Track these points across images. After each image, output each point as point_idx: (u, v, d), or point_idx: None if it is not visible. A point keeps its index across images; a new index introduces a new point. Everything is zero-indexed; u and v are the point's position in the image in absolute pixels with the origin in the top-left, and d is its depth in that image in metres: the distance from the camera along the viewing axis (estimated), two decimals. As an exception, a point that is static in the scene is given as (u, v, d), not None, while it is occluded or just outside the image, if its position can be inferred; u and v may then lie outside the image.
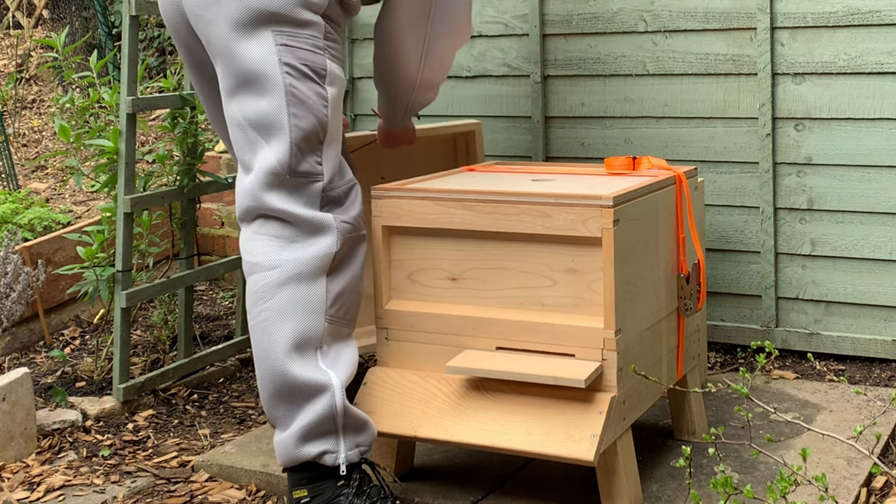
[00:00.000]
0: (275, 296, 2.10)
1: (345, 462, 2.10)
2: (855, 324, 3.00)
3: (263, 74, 2.11)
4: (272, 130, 2.12)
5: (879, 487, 2.27)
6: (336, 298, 2.14)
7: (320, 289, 2.12)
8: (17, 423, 2.58)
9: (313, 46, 2.15)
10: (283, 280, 2.10)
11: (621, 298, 2.08)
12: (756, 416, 2.59)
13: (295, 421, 2.09)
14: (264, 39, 2.12)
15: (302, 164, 2.12)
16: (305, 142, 2.12)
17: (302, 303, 2.10)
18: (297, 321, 2.09)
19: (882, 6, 2.83)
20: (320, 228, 2.12)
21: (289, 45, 2.12)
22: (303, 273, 2.10)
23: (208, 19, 2.17)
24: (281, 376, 2.08)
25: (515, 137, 3.35)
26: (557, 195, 2.09)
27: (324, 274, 2.12)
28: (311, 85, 2.13)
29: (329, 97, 2.16)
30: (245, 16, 2.12)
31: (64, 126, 2.90)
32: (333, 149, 2.18)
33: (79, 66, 4.39)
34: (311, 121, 2.12)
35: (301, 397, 2.08)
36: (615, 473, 2.11)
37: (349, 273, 2.17)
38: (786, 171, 3.01)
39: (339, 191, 2.18)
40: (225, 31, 2.15)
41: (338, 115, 2.19)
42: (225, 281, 3.98)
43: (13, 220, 3.66)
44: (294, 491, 2.11)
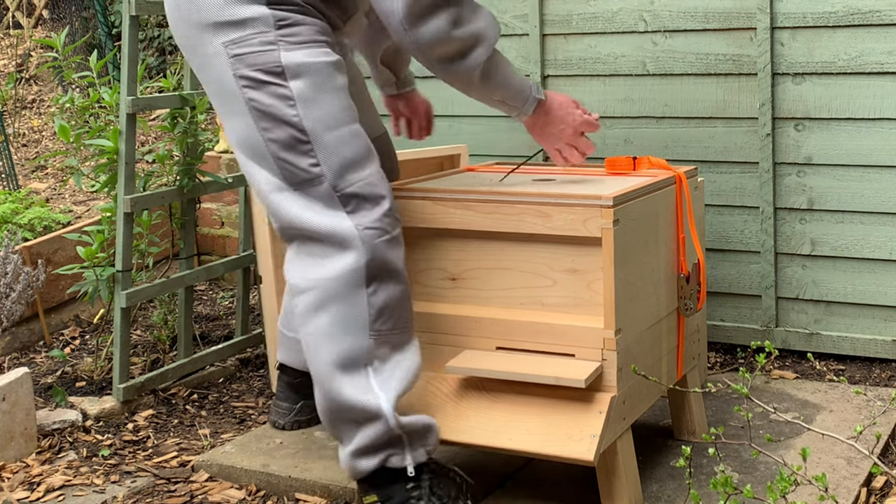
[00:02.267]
0: (314, 319, 2.03)
1: (412, 463, 2.06)
2: (855, 324, 3.00)
3: (227, 93, 2.04)
4: (254, 149, 2.04)
5: (879, 487, 2.27)
6: (381, 312, 2.02)
7: (360, 306, 2.01)
8: (17, 423, 2.58)
9: (262, 44, 2.01)
10: (319, 302, 2.01)
11: (621, 298, 2.08)
12: (756, 416, 2.59)
13: (354, 440, 2.05)
14: (217, 53, 2.03)
15: (295, 173, 2.01)
16: (287, 151, 2.01)
17: (341, 324, 2.01)
18: (339, 344, 2.01)
19: (882, 6, 2.83)
20: (343, 242, 2.00)
21: (239, 53, 2.01)
22: (337, 293, 2.00)
23: (181, 45, 2.13)
24: (333, 400, 2.04)
25: (515, 137, 3.35)
26: (557, 195, 2.09)
27: (361, 288, 2.00)
28: (270, 89, 2.00)
29: (294, 92, 2.01)
30: (193, 34, 2.05)
31: (64, 126, 2.90)
32: (330, 142, 2.02)
33: (79, 66, 4.39)
34: (282, 129, 2.01)
35: (355, 419, 2.04)
36: (615, 473, 2.11)
37: (391, 282, 2.04)
38: (786, 171, 3.01)
39: (356, 187, 2.03)
40: (189, 54, 2.11)
41: (322, 105, 2.03)
42: (225, 281, 3.98)
43: (13, 220, 3.66)
44: (365, 496, 2.09)
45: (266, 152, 2.01)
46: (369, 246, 2.00)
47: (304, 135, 2.00)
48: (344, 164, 2.02)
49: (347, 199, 2.01)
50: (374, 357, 2.03)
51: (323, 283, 2.00)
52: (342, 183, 2.01)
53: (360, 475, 2.08)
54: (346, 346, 2.01)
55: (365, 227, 2.00)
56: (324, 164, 2.01)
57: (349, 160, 2.03)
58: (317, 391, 2.08)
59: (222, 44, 2.01)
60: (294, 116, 2.00)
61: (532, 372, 2.08)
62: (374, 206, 2.03)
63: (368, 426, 2.03)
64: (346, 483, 2.33)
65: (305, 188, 2.01)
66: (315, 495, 2.34)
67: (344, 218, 2.00)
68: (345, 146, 2.03)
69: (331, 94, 2.03)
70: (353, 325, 2.01)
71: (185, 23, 2.07)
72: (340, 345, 2.01)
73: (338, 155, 2.02)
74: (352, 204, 2.01)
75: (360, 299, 2.00)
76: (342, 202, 2.01)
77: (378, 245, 2.01)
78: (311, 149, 2.01)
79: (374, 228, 2.01)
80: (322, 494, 2.34)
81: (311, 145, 2.01)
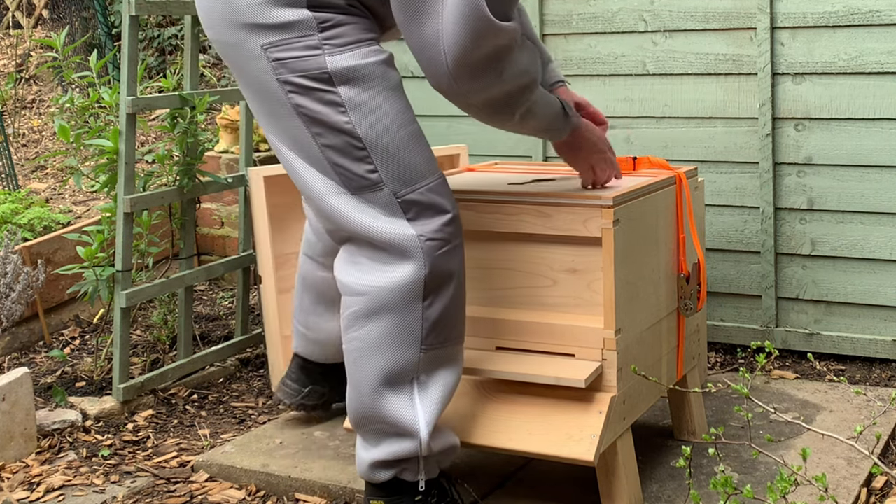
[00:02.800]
0: (364, 326, 1.95)
1: (424, 479, 2.04)
2: (855, 324, 3.00)
3: (270, 96, 1.95)
4: (307, 153, 1.94)
5: (879, 487, 2.27)
6: (434, 326, 1.94)
7: (414, 319, 1.93)
8: (16, 423, 2.58)
9: (305, 49, 1.90)
10: (372, 310, 1.94)
11: (621, 298, 2.08)
12: (756, 416, 2.59)
13: (378, 448, 2.02)
14: (257, 56, 1.92)
15: (353, 179, 1.92)
16: (343, 157, 1.91)
17: (393, 337, 1.94)
18: (388, 356, 1.95)
19: (882, 6, 2.83)
20: (404, 251, 1.91)
21: (281, 58, 1.90)
22: (392, 304, 1.92)
23: (215, 44, 2.02)
24: (368, 410, 1.99)
25: (516, 137, 3.35)
26: (558, 195, 2.09)
27: (418, 302, 1.92)
28: (318, 95, 1.90)
29: (344, 98, 1.90)
30: (229, 33, 1.95)
31: (64, 126, 2.90)
32: (388, 148, 1.91)
33: (79, 66, 4.39)
34: (335, 136, 1.91)
35: (386, 432, 2.00)
36: (615, 473, 2.11)
37: (448, 294, 1.96)
38: (786, 171, 3.01)
39: (417, 194, 1.93)
40: (225, 54, 2.00)
41: (375, 110, 1.91)
42: (225, 281, 3.98)
43: (13, 220, 3.66)
44: (372, 500, 2.08)
45: (321, 157, 1.92)
46: (430, 258, 1.91)
47: (360, 142, 1.90)
48: (403, 170, 1.92)
49: (408, 206, 1.92)
50: (421, 371, 1.97)
51: (378, 292, 1.92)
52: (403, 189, 1.92)
53: (374, 481, 2.06)
54: (395, 358, 1.95)
55: (427, 238, 1.91)
56: (382, 171, 1.91)
57: (409, 166, 1.93)
58: (353, 395, 2.01)
59: (262, 46, 1.91)
60: (346, 123, 1.90)
61: (532, 372, 2.08)
62: (437, 213, 1.94)
63: (399, 441, 2.00)
64: (346, 483, 2.33)
65: (364, 193, 1.92)
66: (315, 495, 2.34)
67: (406, 226, 1.91)
68: (403, 151, 1.93)
69: (384, 95, 1.92)
70: (404, 338, 1.94)
71: (221, 22, 1.96)
72: (388, 357, 1.95)
73: (396, 161, 1.92)
74: (413, 211, 1.92)
75: (416, 313, 1.93)
76: (403, 209, 1.92)
77: (439, 257, 1.92)
78: (367, 155, 1.90)
79: (436, 239, 1.92)
80: (322, 494, 2.34)
81: (367, 152, 1.90)
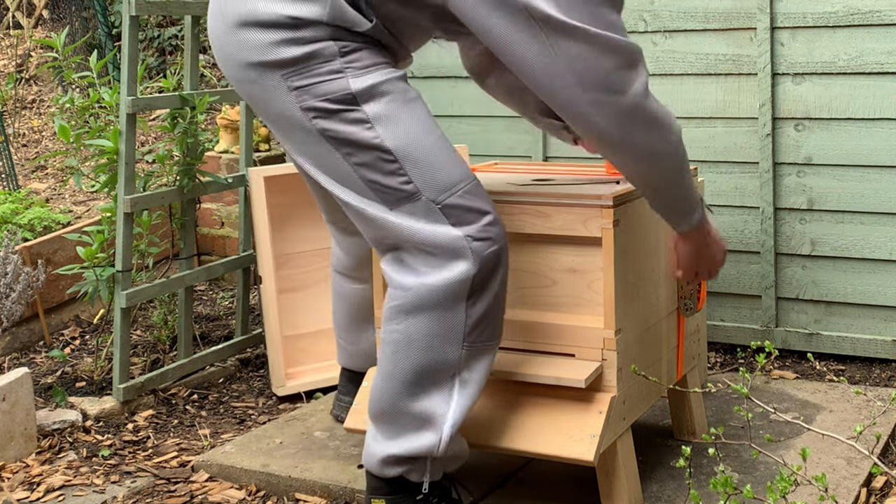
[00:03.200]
0: (406, 320, 1.93)
1: (428, 481, 2.04)
2: (855, 324, 3.00)
3: (295, 126, 1.93)
4: (341, 175, 1.94)
5: (879, 487, 2.27)
6: (477, 324, 1.94)
7: (458, 317, 1.92)
8: (17, 423, 2.58)
9: (328, 74, 1.89)
10: (416, 306, 1.92)
11: (621, 298, 2.08)
12: (756, 416, 2.59)
13: (394, 442, 2.01)
14: (277, 88, 1.91)
15: (389, 193, 1.91)
16: (375, 173, 1.91)
17: (436, 333, 1.93)
18: (430, 351, 1.94)
19: (882, 6, 2.83)
20: (455, 253, 1.90)
21: (302, 85, 1.89)
22: (438, 301, 1.91)
23: (231, 80, 2.00)
24: (397, 402, 1.98)
25: (515, 137, 3.35)
26: (557, 195, 2.09)
27: (463, 299, 1.91)
28: (343, 116, 1.89)
29: (370, 114, 1.89)
30: (245, 70, 1.94)
31: (64, 126, 2.90)
32: (418, 157, 1.91)
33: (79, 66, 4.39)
34: (365, 153, 1.90)
35: (408, 426, 2.00)
36: (615, 473, 2.11)
37: (492, 292, 1.94)
38: (786, 171, 3.01)
39: (455, 197, 1.91)
40: (243, 89, 1.98)
41: (401, 121, 1.91)
42: (225, 281, 3.98)
43: (13, 220, 3.66)
44: (373, 498, 2.07)
45: (354, 177, 1.92)
46: (479, 257, 1.90)
47: (390, 154, 1.89)
48: (437, 177, 1.91)
49: (449, 211, 1.91)
50: (463, 368, 1.96)
51: (425, 288, 1.91)
52: (440, 196, 1.91)
53: (380, 476, 2.05)
54: (437, 354, 1.94)
55: (475, 238, 1.90)
56: (416, 181, 1.90)
57: (441, 171, 1.92)
58: (382, 385, 2.00)
59: (281, 76, 1.90)
60: (374, 138, 1.89)
61: (532, 372, 2.08)
62: (478, 215, 1.92)
63: (419, 437, 1.99)
64: (346, 483, 2.33)
65: (403, 205, 1.91)
66: (315, 495, 2.34)
67: (451, 229, 1.90)
68: (433, 158, 1.92)
69: (406, 107, 1.93)
70: (448, 334, 1.93)
71: (235, 62, 1.95)
72: (430, 352, 1.94)
73: (429, 168, 1.91)
74: (454, 216, 1.91)
75: (460, 310, 1.92)
76: (444, 214, 1.90)
77: (487, 256, 1.91)
78: (399, 167, 1.90)
79: (484, 239, 1.91)
80: (322, 494, 2.34)
81: (399, 164, 1.90)
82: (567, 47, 1.81)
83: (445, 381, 1.97)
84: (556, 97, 1.86)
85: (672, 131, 1.95)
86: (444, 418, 1.98)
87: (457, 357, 1.95)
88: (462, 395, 1.98)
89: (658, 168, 1.98)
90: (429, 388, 1.97)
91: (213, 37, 2.01)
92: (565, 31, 1.80)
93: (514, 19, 1.81)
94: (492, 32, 1.84)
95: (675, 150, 1.97)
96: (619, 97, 1.85)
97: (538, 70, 1.84)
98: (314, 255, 3.13)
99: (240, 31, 1.92)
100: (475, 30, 1.88)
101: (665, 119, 1.94)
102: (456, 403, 1.98)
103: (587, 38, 1.80)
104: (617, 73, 1.84)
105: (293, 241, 3.12)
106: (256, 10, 1.90)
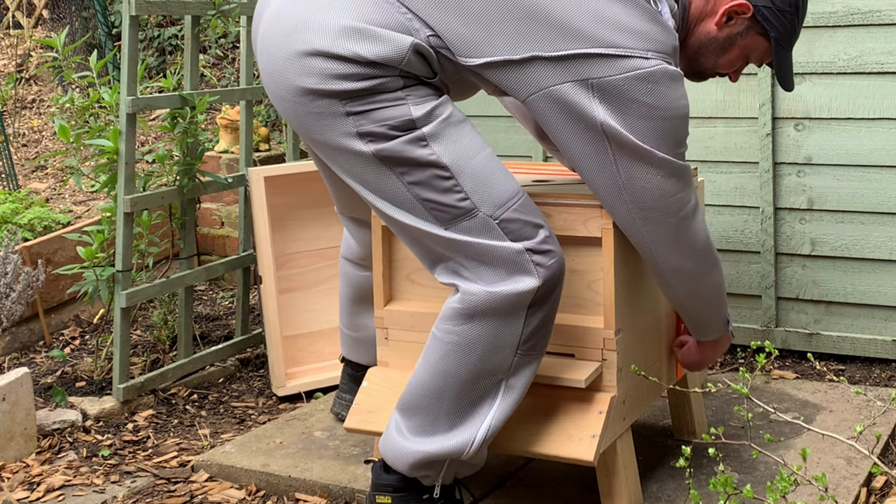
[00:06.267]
0: (466, 323, 1.93)
1: (439, 485, 2.04)
2: (855, 324, 3.00)
3: (348, 151, 1.91)
4: (394, 198, 1.92)
5: (879, 487, 2.27)
6: (533, 333, 1.94)
7: (517, 326, 1.92)
8: (17, 423, 2.58)
9: (391, 101, 1.88)
10: (478, 312, 1.91)
11: (621, 298, 2.08)
12: (756, 416, 2.59)
13: (422, 442, 1.99)
14: (333, 115, 1.89)
15: (446, 211, 1.90)
16: (431, 191, 1.89)
17: (493, 341, 1.92)
18: (484, 356, 1.93)
19: (882, 6, 2.83)
20: (517, 267, 1.90)
21: (362, 111, 1.87)
22: (500, 310, 1.91)
23: (285, 100, 1.96)
24: (437, 401, 1.97)
25: (515, 137, 3.35)
26: (557, 195, 2.09)
27: (524, 309, 1.92)
28: (401, 136, 1.88)
29: (427, 134, 1.88)
30: (303, 97, 1.90)
31: (64, 126, 2.90)
32: (474, 172, 1.90)
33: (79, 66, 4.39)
34: (421, 171, 1.88)
35: (442, 426, 1.99)
36: (615, 473, 2.11)
37: (550, 304, 1.95)
38: (786, 171, 3.01)
39: (511, 211, 1.91)
40: (290, 115, 1.95)
41: (456, 138, 1.91)
42: (225, 281, 3.98)
43: (13, 220, 3.66)
44: (377, 495, 2.07)
45: (409, 196, 1.91)
46: (544, 269, 1.91)
47: (446, 171, 1.89)
48: (492, 192, 1.91)
49: (506, 226, 1.91)
50: (511, 375, 1.96)
51: (489, 296, 1.90)
52: (496, 211, 1.91)
53: (401, 471, 2.03)
54: (490, 361, 1.94)
55: (535, 252, 1.91)
56: (473, 196, 1.90)
57: (496, 186, 1.92)
58: (427, 379, 1.98)
59: (340, 102, 1.87)
60: (431, 155, 1.88)
61: (532, 372, 2.08)
62: (535, 228, 1.93)
63: (451, 437, 1.98)
64: (346, 483, 2.33)
65: (460, 223, 1.90)
66: (315, 495, 2.34)
67: (510, 244, 1.90)
68: (488, 173, 1.92)
69: (457, 127, 1.93)
70: (502, 343, 1.93)
71: (287, 82, 1.91)
72: (484, 359, 1.93)
73: (484, 183, 1.91)
74: (512, 231, 1.91)
75: (520, 320, 1.92)
76: (502, 229, 1.91)
77: (552, 268, 1.92)
78: (455, 184, 1.89)
79: (545, 252, 1.92)
80: (322, 494, 2.34)
81: (455, 180, 1.89)
82: (632, 168, 1.93)
83: (493, 386, 1.97)
84: (613, 212, 1.99)
85: (712, 261, 2.10)
86: (482, 421, 1.98)
87: (508, 364, 1.95)
88: (505, 400, 1.98)
89: (693, 289, 2.12)
90: (476, 391, 1.97)
91: (265, 52, 1.96)
92: (635, 153, 1.91)
93: (588, 135, 1.90)
94: (562, 137, 1.93)
95: (714, 279, 2.13)
96: (671, 218, 1.98)
97: (600, 185, 1.96)
98: (314, 255, 3.14)
99: (306, 58, 1.88)
100: (546, 130, 1.95)
101: (707, 244, 2.08)
102: (497, 408, 1.98)
103: (653, 162, 1.92)
104: (675, 197, 1.97)
105: (293, 241, 3.12)
106: (334, 47, 1.86)
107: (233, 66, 5.23)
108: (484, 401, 1.97)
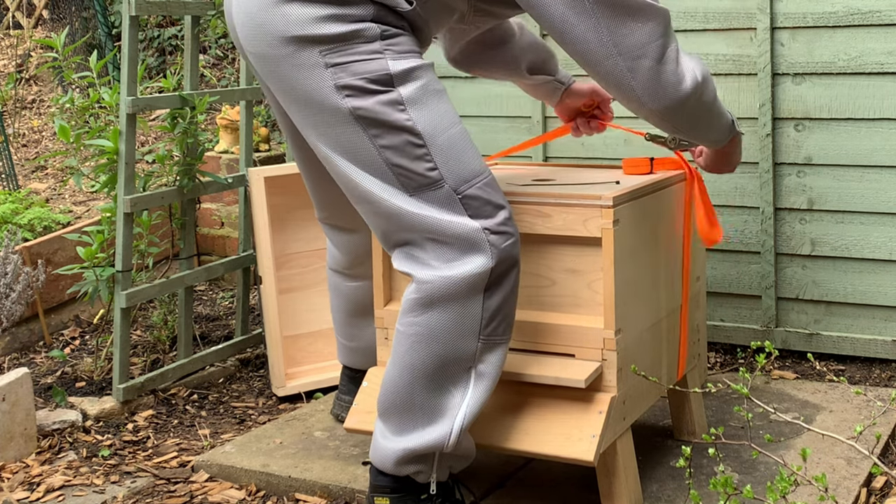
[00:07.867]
0: (425, 313, 1.94)
1: (435, 482, 2.04)
2: (855, 324, 3.00)
3: (321, 104, 1.93)
4: (363, 159, 1.94)
5: (879, 487, 2.27)
6: (493, 317, 1.95)
7: (475, 310, 1.93)
8: (16, 423, 2.58)
9: (368, 53, 1.91)
10: (435, 299, 1.93)
11: (621, 298, 2.08)
12: (756, 416, 2.59)
13: (404, 439, 2.00)
14: (312, 65, 1.91)
15: (412, 178, 1.92)
16: (402, 157, 1.92)
17: (455, 326, 1.94)
18: (449, 344, 1.95)
19: (882, 6, 2.83)
20: (472, 245, 1.91)
21: (340, 62, 1.90)
22: (457, 294, 1.92)
23: (256, 55, 2.00)
24: (412, 394, 1.98)
25: (515, 137, 3.35)
26: (557, 195, 2.09)
27: (480, 292, 1.93)
28: (378, 97, 1.90)
29: (405, 98, 1.91)
30: (277, 45, 1.93)
31: (64, 126, 2.90)
32: (445, 144, 1.93)
33: (79, 66, 4.39)
34: (394, 135, 1.91)
35: (420, 420, 1.99)
36: (615, 473, 2.11)
37: (508, 285, 1.96)
38: (786, 171, 3.01)
39: (475, 188, 1.93)
40: (267, 66, 1.97)
41: (432, 107, 1.94)
42: (225, 281, 3.98)
43: (13, 220, 3.66)
44: (376, 497, 2.07)
45: (378, 160, 1.92)
46: (497, 249, 1.92)
47: (419, 138, 1.91)
48: (461, 166, 1.94)
49: (468, 202, 1.93)
50: (478, 361, 1.98)
51: (443, 282, 1.92)
52: (462, 186, 1.93)
53: (388, 472, 2.05)
54: (455, 346, 1.95)
55: (492, 231, 1.92)
56: (441, 168, 1.92)
57: (465, 161, 1.95)
58: (398, 378, 1.99)
59: (319, 52, 1.90)
60: (407, 120, 1.91)
61: (532, 372, 2.08)
62: (496, 208, 1.95)
63: (430, 430, 1.99)
64: (346, 483, 2.33)
65: (424, 192, 1.92)
66: (315, 495, 2.34)
67: (469, 220, 1.92)
68: (459, 147, 1.95)
69: (438, 96, 1.96)
70: (465, 327, 1.94)
71: (269, 36, 1.94)
72: (449, 345, 1.95)
73: (454, 157, 1.94)
74: (473, 207, 1.93)
75: (477, 303, 1.93)
76: (463, 205, 1.93)
77: (505, 249, 1.93)
78: (426, 153, 1.91)
79: (501, 233, 1.94)
80: (322, 494, 2.34)
81: (427, 149, 1.92)
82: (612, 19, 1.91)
83: (461, 374, 1.98)
84: (601, 71, 1.95)
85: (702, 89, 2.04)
86: (457, 411, 1.99)
87: (473, 350, 1.97)
88: (476, 388, 2.00)
89: (692, 122, 2.09)
90: (445, 381, 1.98)
91: (241, 11, 1.99)
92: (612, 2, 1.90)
93: None
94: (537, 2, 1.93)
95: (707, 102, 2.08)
96: (657, 64, 1.95)
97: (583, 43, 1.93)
98: (314, 255, 3.14)
99: (281, 4, 1.92)
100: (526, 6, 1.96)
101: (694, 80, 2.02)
102: (470, 397, 1.99)
103: (631, 8, 1.91)
104: (657, 42, 1.94)
105: (293, 241, 3.12)
106: None
107: (233, 66, 5.23)
108: (456, 391, 1.99)
